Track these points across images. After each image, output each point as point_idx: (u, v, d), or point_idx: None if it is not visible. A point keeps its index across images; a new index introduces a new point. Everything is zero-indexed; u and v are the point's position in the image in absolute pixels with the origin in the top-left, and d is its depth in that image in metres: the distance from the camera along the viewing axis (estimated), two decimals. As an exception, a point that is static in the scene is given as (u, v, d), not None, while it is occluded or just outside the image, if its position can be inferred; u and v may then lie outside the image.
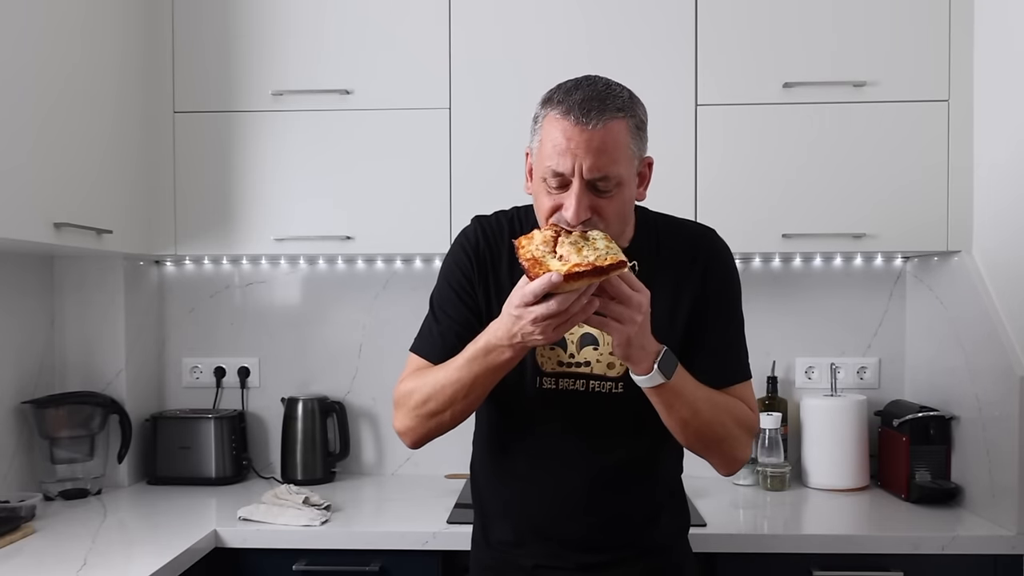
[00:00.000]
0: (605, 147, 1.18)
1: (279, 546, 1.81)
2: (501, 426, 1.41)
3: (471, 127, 2.08)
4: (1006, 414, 1.82)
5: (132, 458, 2.25)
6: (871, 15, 2.03)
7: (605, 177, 1.19)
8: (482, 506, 1.46)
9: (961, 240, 2.02)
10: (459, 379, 1.23)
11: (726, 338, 1.35)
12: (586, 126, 1.18)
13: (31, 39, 1.67)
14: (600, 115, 1.18)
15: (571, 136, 1.18)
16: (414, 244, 2.11)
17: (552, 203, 1.22)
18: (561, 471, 1.36)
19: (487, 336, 1.18)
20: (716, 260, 1.36)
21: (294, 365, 2.42)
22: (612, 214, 1.22)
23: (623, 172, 1.21)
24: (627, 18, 2.06)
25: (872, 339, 2.35)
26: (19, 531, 1.75)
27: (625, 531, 1.37)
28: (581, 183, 1.18)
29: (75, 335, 2.24)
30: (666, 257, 1.34)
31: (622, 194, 1.23)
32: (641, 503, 1.38)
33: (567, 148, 1.18)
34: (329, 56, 2.10)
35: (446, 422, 1.28)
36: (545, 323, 1.10)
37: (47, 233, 1.71)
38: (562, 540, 1.36)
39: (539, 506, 1.37)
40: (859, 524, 1.92)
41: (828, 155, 2.04)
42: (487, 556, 1.44)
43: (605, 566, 1.36)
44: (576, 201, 1.18)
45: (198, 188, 2.13)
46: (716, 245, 1.38)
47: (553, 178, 1.20)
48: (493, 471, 1.44)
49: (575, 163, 1.18)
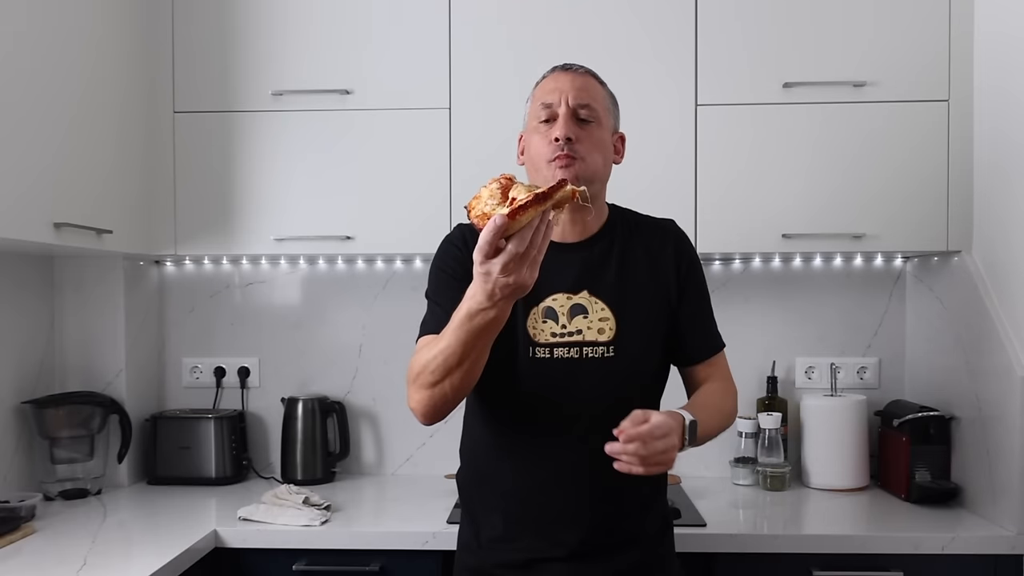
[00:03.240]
0: (585, 86, 1.41)
1: (279, 546, 1.81)
2: (497, 406, 1.42)
3: (471, 127, 2.08)
4: (1006, 414, 1.82)
5: (132, 458, 2.25)
6: (871, 15, 2.03)
7: (587, 106, 1.39)
8: (471, 507, 1.49)
9: (961, 240, 2.02)
10: (448, 346, 1.22)
11: (703, 311, 1.49)
12: (570, 70, 1.43)
13: (31, 39, 1.67)
14: (580, 67, 1.44)
15: (559, 79, 1.42)
16: (414, 244, 2.11)
17: (545, 140, 1.38)
18: (558, 448, 1.38)
19: (467, 302, 1.18)
20: (684, 242, 1.50)
21: (294, 365, 2.42)
22: (592, 141, 1.39)
23: (600, 112, 1.41)
24: (627, 18, 2.06)
25: (872, 339, 2.35)
26: (19, 531, 1.75)
27: (620, 513, 1.40)
28: (567, 109, 1.38)
29: (75, 335, 2.24)
30: (640, 236, 1.47)
31: (601, 132, 1.41)
32: (636, 482, 1.37)
33: (556, 87, 1.41)
34: (329, 56, 2.10)
35: (447, 393, 1.28)
36: (516, 269, 1.09)
37: (47, 233, 1.71)
38: (557, 521, 1.38)
39: (537, 487, 1.39)
40: (859, 524, 1.92)
41: (828, 155, 2.04)
42: (473, 559, 1.46)
43: (598, 553, 1.38)
44: (564, 121, 1.37)
45: (198, 188, 2.13)
46: (681, 231, 1.52)
47: (544, 110, 1.40)
48: (487, 460, 1.45)
49: (562, 95, 1.39)
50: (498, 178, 1.13)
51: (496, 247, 1.08)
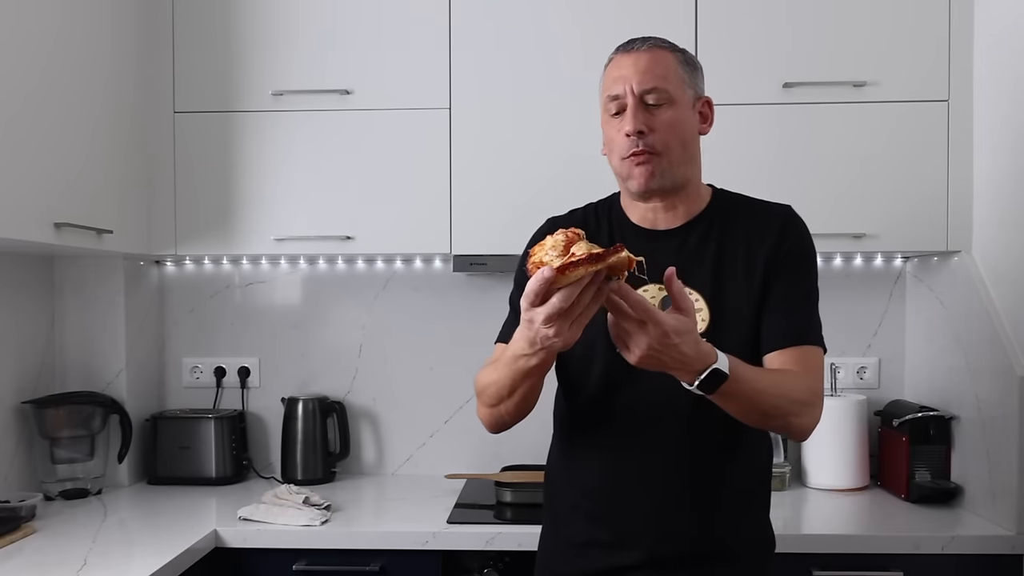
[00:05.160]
0: (651, 66, 1.31)
1: (279, 546, 1.82)
2: (583, 403, 1.38)
3: (471, 127, 2.08)
4: (1006, 414, 1.82)
5: (132, 458, 2.25)
6: (871, 15, 2.03)
7: (654, 89, 1.30)
8: (553, 505, 1.44)
9: (961, 240, 2.02)
10: (498, 380, 1.25)
11: (792, 297, 1.32)
12: (631, 51, 1.33)
13: (31, 39, 1.67)
14: (644, 43, 1.33)
15: (621, 64, 1.33)
16: (414, 244, 2.11)
17: (617, 132, 1.31)
18: (641, 448, 1.32)
19: (513, 345, 1.17)
20: (793, 223, 1.37)
21: (294, 365, 2.42)
22: (665, 126, 1.30)
23: (672, 89, 1.31)
24: (627, 18, 2.05)
25: (872, 339, 2.35)
26: (19, 531, 1.75)
27: (706, 521, 1.32)
28: (634, 99, 1.30)
29: (75, 335, 2.24)
30: (744, 222, 1.36)
31: (675, 112, 1.31)
32: (729, 489, 1.34)
33: (619, 75, 1.32)
34: (329, 56, 2.10)
35: (504, 416, 1.31)
36: (558, 323, 1.06)
37: (47, 233, 1.71)
38: (639, 524, 1.31)
39: (621, 487, 1.33)
40: (859, 524, 1.92)
41: (828, 155, 2.04)
42: (552, 562, 1.41)
43: (680, 563, 1.31)
44: (632, 114, 1.29)
45: (198, 188, 2.13)
46: (794, 214, 1.39)
47: (611, 103, 1.32)
48: (571, 458, 1.40)
49: (627, 84, 1.30)
50: (567, 231, 1.12)
51: (543, 297, 1.06)
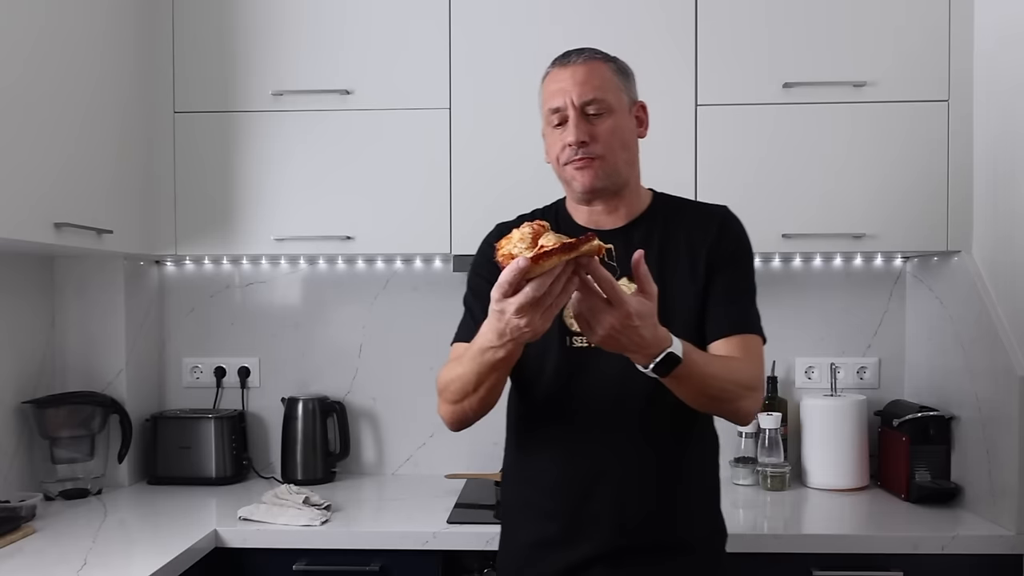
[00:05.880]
0: (588, 77, 1.36)
1: (279, 546, 1.82)
2: (535, 399, 1.40)
3: (471, 127, 2.08)
4: (1006, 414, 1.82)
5: (132, 458, 2.25)
6: (871, 15, 2.03)
7: (593, 100, 1.35)
8: (509, 504, 1.46)
9: (961, 240, 2.02)
10: (463, 375, 1.26)
11: (733, 289, 1.39)
12: (569, 64, 1.37)
13: (31, 39, 1.67)
14: (579, 55, 1.38)
15: (560, 78, 1.37)
16: (414, 244, 2.11)
17: (560, 142, 1.36)
18: (596, 442, 1.35)
19: (479, 338, 1.18)
20: (731, 222, 1.45)
21: (294, 365, 2.42)
22: (606, 134, 1.35)
23: (610, 98, 1.36)
24: (627, 18, 2.06)
25: (872, 339, 2.35)
26: (19, 531, 1.75)
27: (662, 514, 1.36)
28: (575, 110, 1.34)
29: (75, 335, 2.24)
30: (684, 222, 1.43)
31: (615, 119, 1.36)
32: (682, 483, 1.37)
33: (559, 88, 1.36)
34: (329, 56, 2.10)
35: (467, 411, 1.32)
36: (530, 313, 1.08)
37: (47, 233, 1.71)
38: (595, 519, 1.34)
39: (576, 483, 1.35)
40: (859, 524, 1.92)
41: (828, 155, 2.04)
42: (512, 561, 1.43)
43: (637, 556, 1.34)
44: (574, 124, 1.34)
45: (198, 188, 2.13)
46: (731, 214, 1.47)
47: (553, 115, 1.37)
48: (526, 455, 1.42)
49: (567, 97, 1.35)
50: (532, 224, 1.14)
51: (515, 287, 1.07)
